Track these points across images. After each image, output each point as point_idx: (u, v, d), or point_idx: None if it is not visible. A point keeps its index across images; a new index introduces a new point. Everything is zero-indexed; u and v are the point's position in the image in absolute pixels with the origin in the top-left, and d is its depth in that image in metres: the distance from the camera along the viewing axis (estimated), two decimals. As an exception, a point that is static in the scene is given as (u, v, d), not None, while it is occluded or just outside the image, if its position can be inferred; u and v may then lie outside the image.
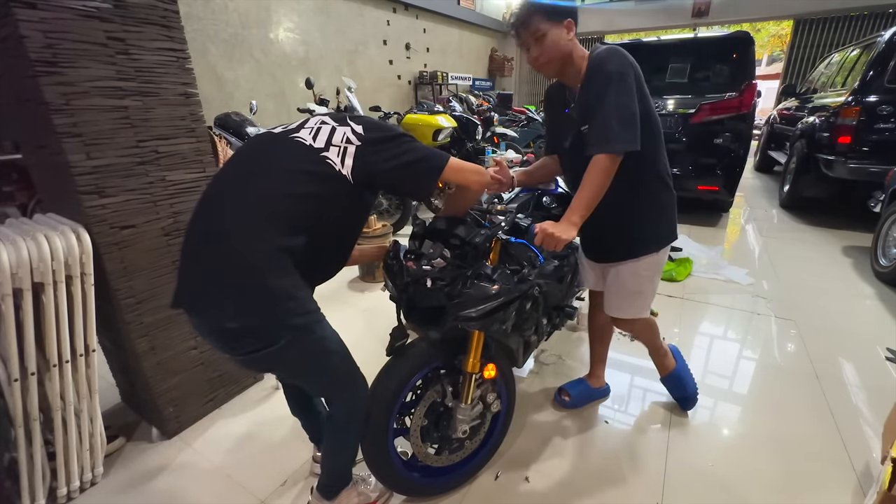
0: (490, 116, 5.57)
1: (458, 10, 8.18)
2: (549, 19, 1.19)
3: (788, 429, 1.68)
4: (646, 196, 1.35)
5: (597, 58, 1.20)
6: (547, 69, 1.27)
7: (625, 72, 1.16)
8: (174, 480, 1.51)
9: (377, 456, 1.25)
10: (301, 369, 1.08)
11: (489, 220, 1.33)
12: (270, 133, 1.09)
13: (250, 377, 1.94)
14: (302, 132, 1.05)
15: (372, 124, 1.09)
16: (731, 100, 3.72)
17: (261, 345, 0.95)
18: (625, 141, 1.14)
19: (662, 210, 1.39)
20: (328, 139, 1.03)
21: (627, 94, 1.15)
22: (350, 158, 1.02)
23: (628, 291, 1.46)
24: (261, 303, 0.92)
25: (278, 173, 0.98)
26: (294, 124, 1.09)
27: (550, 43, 1.21)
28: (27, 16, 1.14)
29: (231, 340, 0.96)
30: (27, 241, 1.22)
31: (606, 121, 1.14)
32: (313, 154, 1.00)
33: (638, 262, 1.41)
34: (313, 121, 1.09)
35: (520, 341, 1.35)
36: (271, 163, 1.00)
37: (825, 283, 2.91)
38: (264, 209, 0.95)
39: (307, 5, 5.25)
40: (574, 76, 1.28)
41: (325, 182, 1.00)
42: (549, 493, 1.44)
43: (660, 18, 8.73)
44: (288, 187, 0.97)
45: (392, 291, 1.28)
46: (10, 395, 1.23)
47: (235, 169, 1.04)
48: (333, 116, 1.11)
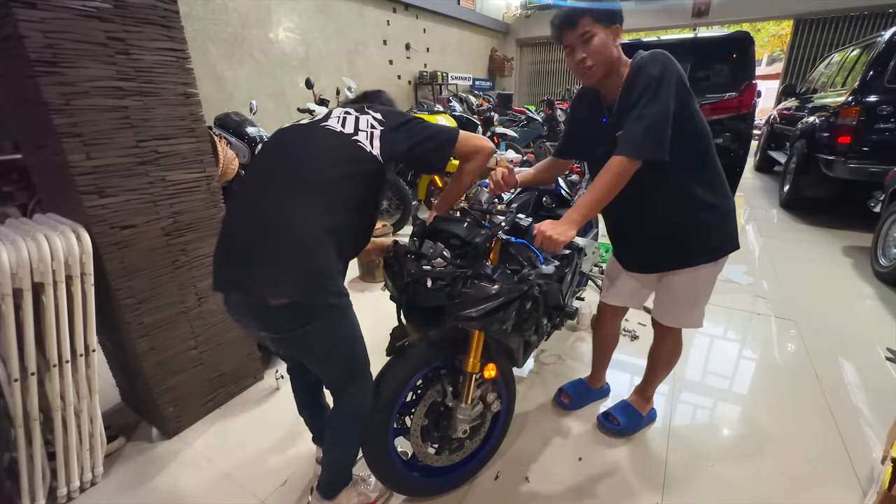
0: (490, 116, 5.57)
1: (458, 10, 8.19)
2: (597, 21, 1.15)
3: (788, 429, 1.68)
4: (702, 199, 1.26)
5: (639, 63, 1.15)
6: (590, 74, 1.20)
7: (664, 77, 1.10)
8: (174, 480, 1.51)
9: (377, 455, 1.25)
10: (326, 352, 1.12)
11: (489, 220, 1.33)
12: (299, 124, 1.16)
13: (250, 377, 1.94)
14: (330, 121, 1.13)
15: (387, 113, 1.19)
16: (731, 100, 3.73)
17: (298, 324, 1.01)
18: (647, 149, 1.10)
19: (722, 215, 1.29)
20: (355, 126, 1.12)
21: (661, 102, 1.10)
22: (377, 140, 1.11)
23: (684, 301, 1.40)
24: (305, 280, 0.97)
25: (320, 155, 1.05)
26: (318, 117, 1.18)
27: (599, 46, 1.16)
28: (27, 16, 1.14)
29: (271, 319, 1.02)
30: (27, 241, 1.22)
31: (634, 125, 1.11)
32: (346, 138, 1.09)
33: (696, 270, 1.32)
34: (336, 112, 1.17)
35: (520, 341, 1.34)
36: (311, 148, 1.07)
37: (825, 283, 2.91)
38: (310, 189, 1.00)
39: (307, 5, 5.25)
40: (614, 85, 1.22)
41: (361, 163, 1.07)
42: (549, 493, 1.44)
43: (660, 18, 8.74)
44: (330, 169, 1.03)
45: (392, 291, 1.28)
46: (10, 395, 1.23)
47: (275, 155, 1.10)
48: (354, 107, 1.19)
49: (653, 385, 1.68)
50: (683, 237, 1.30)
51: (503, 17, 10.10)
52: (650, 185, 1.20)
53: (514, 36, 10.46)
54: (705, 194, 1.26)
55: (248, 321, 1.09)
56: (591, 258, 2.16)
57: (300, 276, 0.96)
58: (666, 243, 1.33)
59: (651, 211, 1.29)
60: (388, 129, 1.14)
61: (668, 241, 1.32)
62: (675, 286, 1.39)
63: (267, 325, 1.05)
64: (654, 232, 1.33)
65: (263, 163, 1.11)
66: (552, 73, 10.61)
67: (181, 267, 1.59)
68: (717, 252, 1.31)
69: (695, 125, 1.20)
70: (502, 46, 10.36)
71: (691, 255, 1.31)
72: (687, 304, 1.41)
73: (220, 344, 1.77)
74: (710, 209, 1.27)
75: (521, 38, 10.44)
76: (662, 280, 1.42)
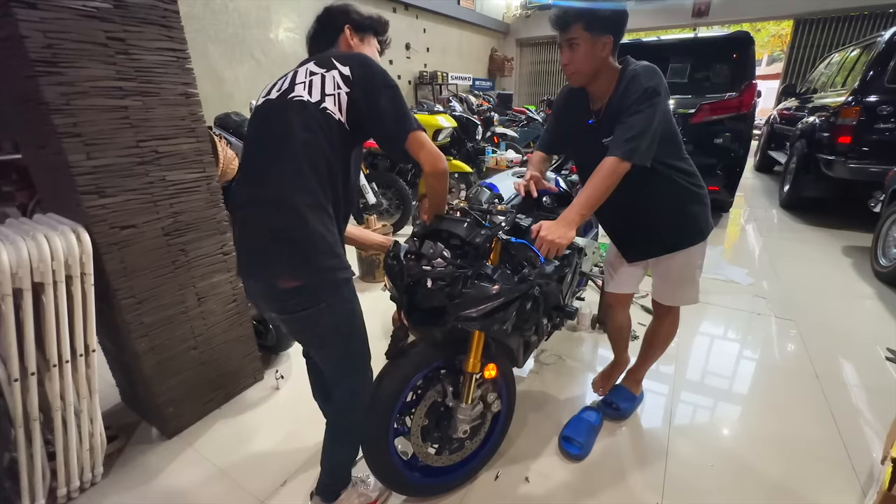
0: (490, 116, 5.57)
1: (458, 10, 8.18)
2: (587, 30, 1.18)
3: (788, 429, 1.68)
4: (689, 189, 1.39)
5: (632, 73, 1.21)
6: (573, 78, 1.29)
7: (657, 90, 1.18)
8: (174, 480, 1.51)
9: (378, 455, 1.25)
10: (329, 335, 1.13)
11: (489, 220, 1.33)
12: (269, 100, 1.08)
13: (250, 377, 1.94)
14: (297, 89, 1.05)
15: (358, 70, 1.06)
16: (731, 100, 3.72)
17: (307, 304, 1.05)
18: (642, 155, 1.17)
19: (704, 201, 1.43)
20: (322, 89, 1.04)
21: (653, 112, 1.17)
22: (344, 104, 1.04)
23: (683, 280, 1.51)
24: (310, 258, 1.01)
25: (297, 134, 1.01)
26: (286, 83, 1.08)
27: (582, 56, 1.20)
28: (27, 16, 1.14)
29: (281, 300, 1.06)
30: (27, 241, 1.22)
31: (634, 130, 1.16)
32: (314, 109, 1.03)
33: (690, 251, 1.44)
34: (302, 72, 1.08)
35: (520, 341, 1.34)
36: (288, 126, 1.02)
37: (825, 283, 2.91)
38: (300, 168, 1.00)
39: (307, 5, 5.25)
40: (602, 89, 1.29)
41: (332, 134, 1.03)
42: (549, 493, 1.44)
43: (660, 18, 8.73)
44: (307, 150, 1.01)
45: (392, 292, 1.28)
46: (10, 395, 1.23)
47: (260, 141, 1.09)
48: (318, 61, 1.09)
49: (646, 366, 1.78)
50: (677, 224, 1.42)
51: (503, 17, 10.10)
52: (642, 181, 1.27)
53: (514, 36, 10.46)
54: (690, 184, 1.39)
55: (261, 303, 1.17)
56: (591, 258, 2.16)
57: (305, 259, 1.00)
58: (662, 231, 1.43)
59: (645, 203, 1.38)
60: (356, 86, 1.05)
61: (664, 229, 1.43)
62: (673, 269, 1.50)
63: (277, 307, 1.10)
64: (650, 222, 1.43)
65: (254, 148, 1.10)
66: (552, 73, 10.61)
67: (181, 267, 1.59)
68: (704, 232, 1.44)
69: (674, 127, 1.32)
70: (502, 46, 10.36)
71: (685, 238, 1.43)
72: (684, 283, 1.52)
73: (220, 344, 1.77)
74: (696, 196, 1.40)
75: (521, 38, 10.44)
76: (660, 264, 1.52)
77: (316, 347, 1.21)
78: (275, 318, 1.20)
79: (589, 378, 2.00)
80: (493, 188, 2.00)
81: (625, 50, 1.28)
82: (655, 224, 1.43)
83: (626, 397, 1.76)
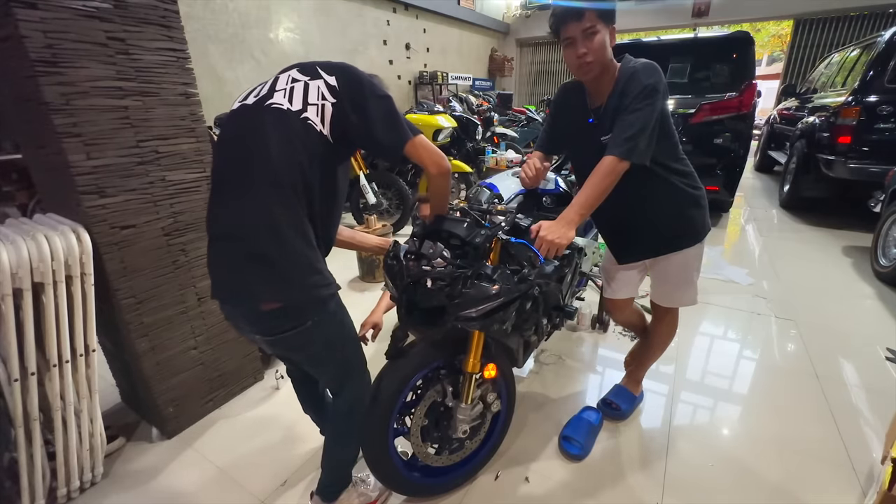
0: (490, 116, 5.57)
1: (458, 10, 8.18)
2: (600, 18, 1.17)
3: (789, 429, 1.68)
4: (685, 190, 1.37)
5: (632, 70, 1.20)
6: (588, 69, 1.21)
7: (657, 88, 1.17)
8: (174, 480, 1.51)
9: (377, 456, 1.25)
10: (320, 350, 1.11)
11: (489, 220, 1.33)
12: (245, 106, 1.02)
13: (250, 377, 1.94)
14: (276, 96, 1.00)
15: (344, 79, 1.02)
16: (730, 100, 3.72)
17: (291, 324, 1.01)
18: (641, 154, 1.17)
19: (700, 203, 1.41)
20: (304, 98, 0.99)
21: (652, 110, 1.17)
22: (328, 116, 0.98)
23: (681, 282, 1.50)
24: (290, 278, 0.96)
25: (272, 148, 0.95)
26: (265, 88, 1.03)
27: (600, 43, 1.18)
28: (27, 16, 1.14)
29: (265, 323, 1.02)
30: (27, 241, 1.22)
31: (633, 129, 1.15)
32: (294, 119, 0.97)
33: (687, 252, 1.42)
34: (283, 79, 1.03)
35: (520, 341, 1.34)
36: (262, 144, 0.96)
37: (825, 283, 2.91)
38: (274, 184, 0.94)
39: (307, 5, 5.25)
40: (604, 86, 1.27)
41: (312, 146, 0.97)
42: (549, 493, 1.44)
43: (660, 18, 8.73)
44: (283, 164, 0.95)
45: (392, 292, 1.28)
46: (10, 395, 1.23)
47: (232, 153, 1.01)
48: (302, 69, 1.04)
49: (646, 367, 1.77)
50: (673, 225, 1.40)
51: (503, 17, 10.10)
52: (640, 181, 1.27)
53: (514, 36, 10.46)
54: (686, 186, 1.37)
55: (243, 325, 1.08)
56: (591, 258, 2.16)
57: (284, 279, 0.95)
58: (658, 232, 1.42)
59: (641, 204, 1.37)
60: (343, 98, 0.99)
61: (659, 230, 1.42)
62: (671, 270, 1.48)
63: (261, 329, 1.05)
64: (647, 223, 1.41)
65: (225, 163, 1.03)
66: (552, 73, 10.61)
67: (181, 267, 1.59)
68: (700, 234, 1.43)
69: (671, 127, 1.30)
70: (502, 46, 10.36)
71: (681, 240, 1.42)
72: (682, 285, 1.51)
73: (220, 344, 1.77)
74: (693, 198, 1.39)
75: (521, 38, 10.44)
76: (657, 266, 1.51)
77: (310, 365, 1.19)
78: (259, 341, 1.11)
79: (589, 378, 2.01)
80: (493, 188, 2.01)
81: (625, 50, 1.28)
82: (651, 226, 1.41)
83: (626, 397, 1.76)
